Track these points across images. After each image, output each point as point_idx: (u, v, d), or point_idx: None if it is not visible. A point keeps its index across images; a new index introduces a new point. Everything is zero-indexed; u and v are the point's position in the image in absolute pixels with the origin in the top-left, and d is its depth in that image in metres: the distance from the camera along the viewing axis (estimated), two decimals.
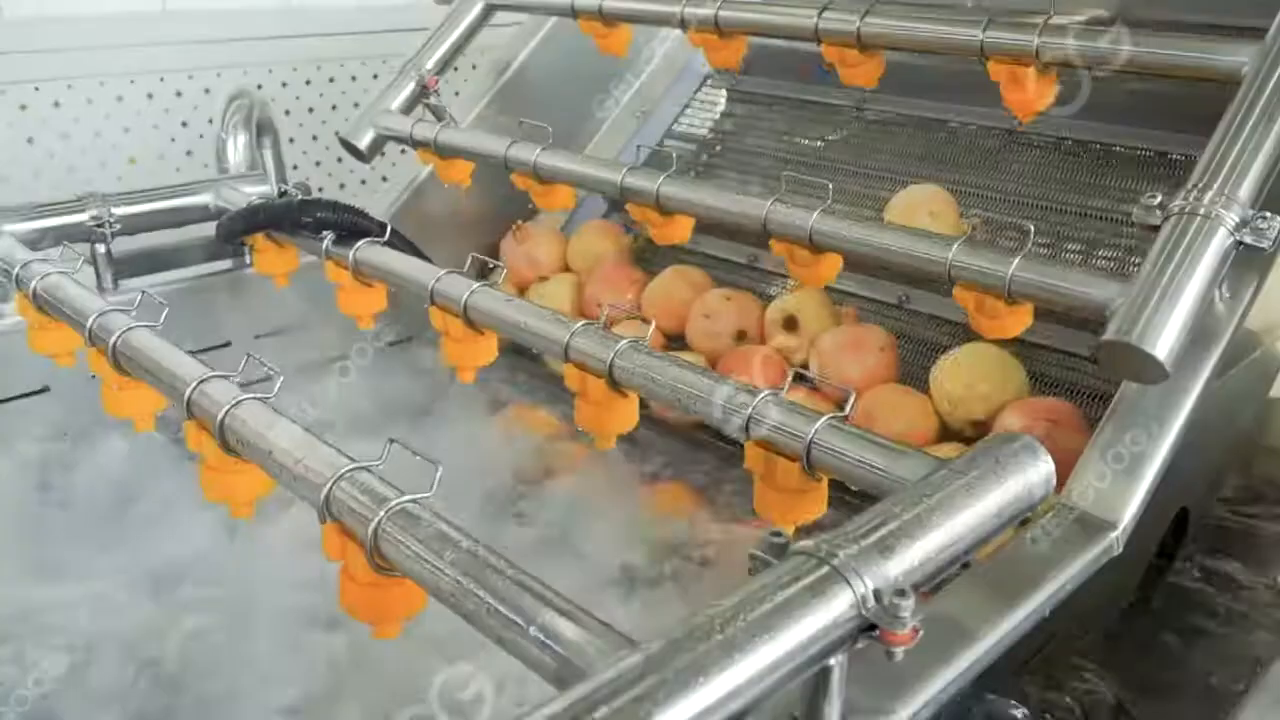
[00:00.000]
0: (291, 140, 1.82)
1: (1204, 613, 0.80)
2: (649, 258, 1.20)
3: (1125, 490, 0.65)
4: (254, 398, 0.61)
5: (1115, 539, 0.64)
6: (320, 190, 1.86)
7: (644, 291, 1.12)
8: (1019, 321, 0.73)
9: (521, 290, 1.21)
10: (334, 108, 1.84)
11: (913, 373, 0.96)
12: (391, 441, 0.54)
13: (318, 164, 1.84)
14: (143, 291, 0.76)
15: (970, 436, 0.88)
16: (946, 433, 0.90)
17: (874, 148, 1.16)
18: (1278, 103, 0.68)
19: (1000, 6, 0.86)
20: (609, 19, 1.08)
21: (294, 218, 0.92)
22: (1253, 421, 0.95)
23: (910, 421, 0.88)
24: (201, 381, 0.64)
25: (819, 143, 1.20)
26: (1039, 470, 0.54)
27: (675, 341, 1.09)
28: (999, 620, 0.55)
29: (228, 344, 1.08)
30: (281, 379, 0.62)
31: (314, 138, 1.83)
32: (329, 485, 0.53)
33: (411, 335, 1.12)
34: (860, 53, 0.91)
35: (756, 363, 0.98)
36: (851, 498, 0.68)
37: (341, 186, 1.86)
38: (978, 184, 1.06)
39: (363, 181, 1.85)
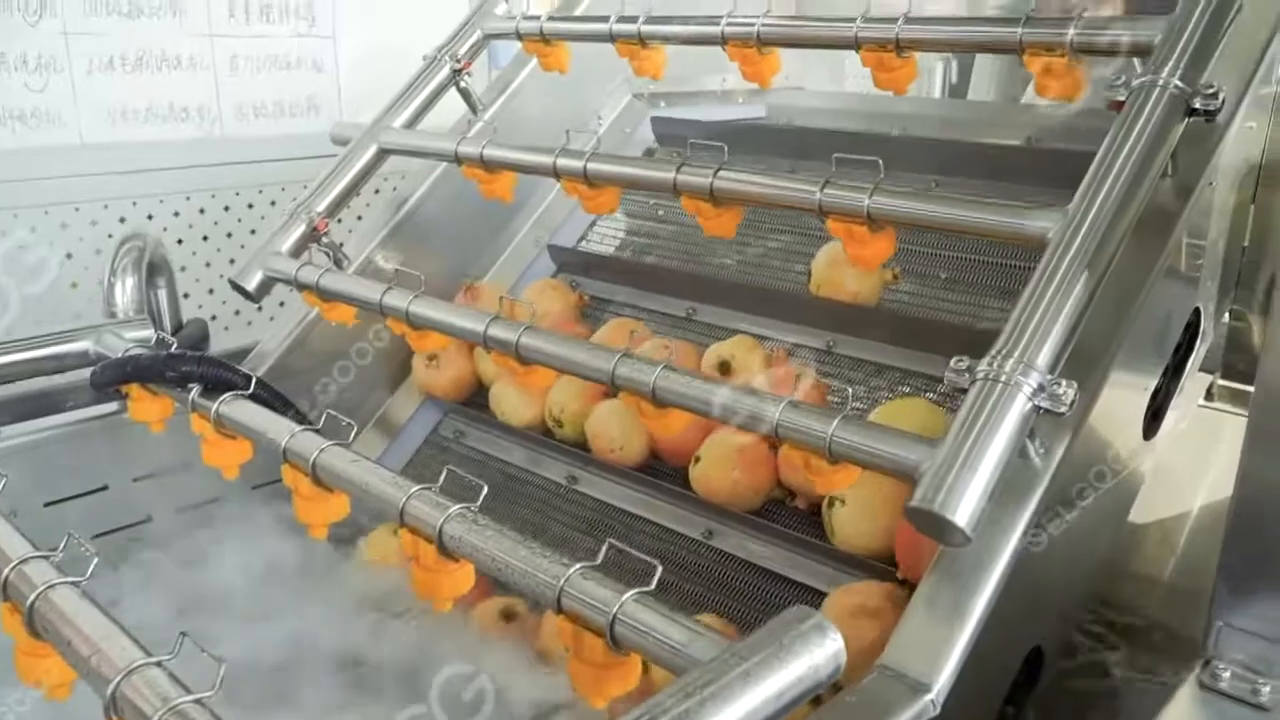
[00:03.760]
0: (208, 264, 1.85)
1: None
2: (593, 313, 1.31)
3: (940, 651, 0.66)
4: (67, 582, 0.62)
5: (931, 701, 0.65)
6: (237, 313, 1.88)
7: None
8: (846, 478, 0.75)
9: (472, 347, 1.26)
10: (252, 232, 1.87)
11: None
12: (184, 635, 0.55)
13: None
14: None
15: None
16: None
17: None
18: (1076, 271, 0.72)
19: None
20: (490, 167, 1.12)
21: (160, 371, 0.93)
22: (1110, 548, 0.97)
23: None
24: (21, 562, 0.64)
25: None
26: (825, 650, 0.55)
27: None
28: None
29: (105, 487, 1.08)
30: (96, 560, 0.63)
31: (231, 261, 1.85)
32: (116, 681, 0.53)
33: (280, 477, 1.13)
34: (714, 206, 0.95)
35: None
36: None
37: (259, 309, 1.87)
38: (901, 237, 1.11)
39: (280, 304, 1.86)
